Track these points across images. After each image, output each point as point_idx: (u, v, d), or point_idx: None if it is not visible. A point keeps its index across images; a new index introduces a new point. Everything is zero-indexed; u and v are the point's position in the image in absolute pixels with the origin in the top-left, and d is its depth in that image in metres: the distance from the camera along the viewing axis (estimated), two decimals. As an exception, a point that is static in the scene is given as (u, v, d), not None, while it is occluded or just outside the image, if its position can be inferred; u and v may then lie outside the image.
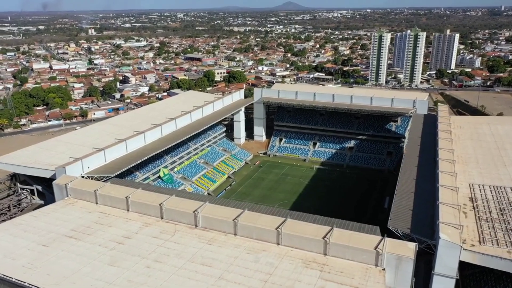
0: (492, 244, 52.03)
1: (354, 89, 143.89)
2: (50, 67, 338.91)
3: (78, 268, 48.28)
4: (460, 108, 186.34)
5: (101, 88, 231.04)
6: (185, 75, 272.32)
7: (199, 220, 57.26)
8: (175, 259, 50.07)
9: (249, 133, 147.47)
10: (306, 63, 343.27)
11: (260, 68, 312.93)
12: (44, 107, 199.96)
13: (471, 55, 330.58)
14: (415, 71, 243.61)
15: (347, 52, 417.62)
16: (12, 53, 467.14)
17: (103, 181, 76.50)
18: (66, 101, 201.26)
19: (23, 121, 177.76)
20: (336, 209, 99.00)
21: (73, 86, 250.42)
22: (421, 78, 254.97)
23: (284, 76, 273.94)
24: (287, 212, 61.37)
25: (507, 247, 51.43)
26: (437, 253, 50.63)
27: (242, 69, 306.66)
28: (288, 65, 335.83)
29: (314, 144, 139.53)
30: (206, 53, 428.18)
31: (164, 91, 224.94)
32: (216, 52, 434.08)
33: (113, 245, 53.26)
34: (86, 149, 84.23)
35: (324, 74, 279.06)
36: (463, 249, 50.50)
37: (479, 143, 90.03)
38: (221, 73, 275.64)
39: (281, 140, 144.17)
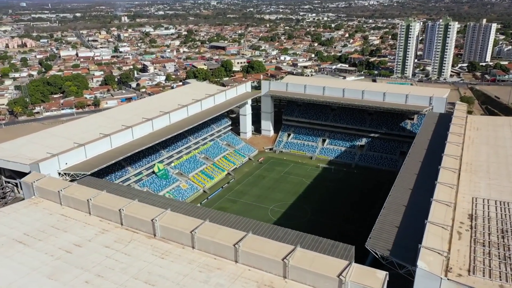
0: (483, 275, 44.57)
1: (368, 83, 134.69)
2: (77, 54, 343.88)
3: (13, 279, 44.84)
4: (490, 105, 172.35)
5: (118, 77, 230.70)
6: (204, 65, 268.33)
7: (157, 229, 52.63)
8: (119, 274, 45.70)
9: (258, 127, 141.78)
10: (332, 53, 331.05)
11: (282, 58, 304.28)
12: (61, 95, 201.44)
13: (510, 47, 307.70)
14: (445, 63, 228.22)
15: (376, 42, 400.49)
16: (45, 40, 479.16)
17: (79, 179, 73.66)
18: (82, 90, 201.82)
19: (38, 109, 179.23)
20: (334, 214, 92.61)
21: (93, 74, 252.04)
22: (451, 71, 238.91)
23: (305, 67, 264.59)
24: (255, 224, 55.78)
25: (500, 280, 43.89)
26: (414, 283, 43.81)
27: (264, 59, 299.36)
28: (313, 55, 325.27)
29: (323, 141, 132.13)
30: (231, 42, 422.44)
31: (180, 81, 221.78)
32: (242, 41, 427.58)
33: (60, 254, 49.56)
34: (73, 143, 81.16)
35: (347, 66, 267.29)
36: (447, 279, 43.43)
37: (495, 148, 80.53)
38: (241, 62, 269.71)
39: (289, 135, 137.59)
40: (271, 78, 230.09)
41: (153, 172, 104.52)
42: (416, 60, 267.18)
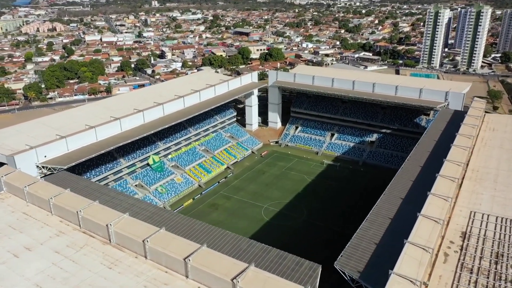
0: (463, 310, 38.48)
1: (383, 75, 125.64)
2: (101, 39, 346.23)
3: None
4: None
5: (135, 63, 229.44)
6: (223, 51, 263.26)
7: (112, 235, 48.98)
8: (58, 286, 42.39)
9: (266, 119, 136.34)
10: (358, 41, 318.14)
11: (304, 45, 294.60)
12: (76, 80, 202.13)
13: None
14: (475, 53, 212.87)
15: (407, 29, 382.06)
16: (75, 25, 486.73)
17: (56, 173, 71.25)
18: (97, 75, 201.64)
19: (51, 94, 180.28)
20: (333, 215, 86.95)
21: (112, 60, 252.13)
22: (482, 62, 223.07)
23: (327, 55, 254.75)
24: (219, 234, 51.18)
25: (481, 317, 37.66)
26: (380, 314, 38.28)
27: (285, 46, 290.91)
28: (338, 43, 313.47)
29: (332, 135, 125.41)
30: (256, 28, 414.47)
31: (196, 68, 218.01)
32: (267, 27, 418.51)
33: (6, 258, 46.81)
34: (61, 134, 78.88)
35: (371, 54, 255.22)
36: (418, 313, 37.67)
37: (510, 153, 72.06)
38: (261, 49, 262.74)
39: (296, 128, 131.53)
40: (289, 66, 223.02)
41: (148, 164, 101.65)
42: (446, 50, 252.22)
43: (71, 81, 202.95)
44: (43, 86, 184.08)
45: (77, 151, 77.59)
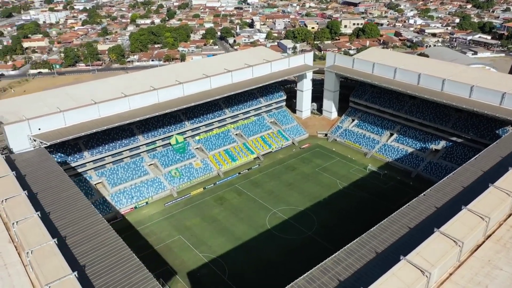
0: None
1: (466, 68, 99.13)
2: (206, 4, 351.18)
3: None
4: None
5: (220, 31, 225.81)
6: (317, 24, 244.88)
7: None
8: None
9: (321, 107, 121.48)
10: (486, 19, 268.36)
11: (411, 21, 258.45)
12: (159, 45, 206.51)
13: None
14: None
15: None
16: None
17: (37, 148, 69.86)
18: (179, 42, 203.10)
19: (131, 58, 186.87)
20: (345, 235, 70.59)
21: (204, 26, 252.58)
22: None
23: (434, 34, 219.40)
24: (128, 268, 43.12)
25: None
26: None
27: (388, 22, 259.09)
28: (457, 20, 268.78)
29: (390, 135, 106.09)
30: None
31: (277, 41, 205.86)
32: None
33: None
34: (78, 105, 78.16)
35: (489, 37, 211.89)
36: None
37: None
38: (357, 24, 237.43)
39: (352, 121, 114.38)
40: (382, 45, 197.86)
41: (170, 144, 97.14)
42: None
43: (156, 46, 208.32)
44: (127, 49, 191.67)
45: (74, 126, 75.45)
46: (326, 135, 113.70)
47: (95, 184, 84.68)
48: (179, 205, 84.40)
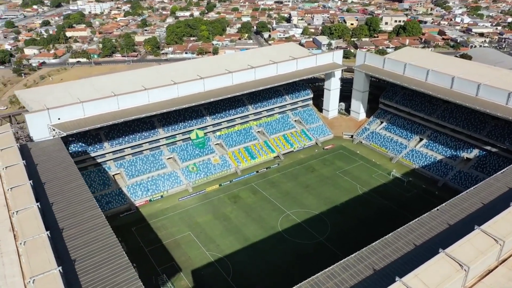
0: None
1: (509, 72, 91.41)
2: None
3: None
4: None
5: (256, 25, 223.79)
6: (357, 20, 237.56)
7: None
8: None
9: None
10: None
11: (458, 19, 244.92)
12: (195, 38, 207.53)
13: None
14: None
15: None
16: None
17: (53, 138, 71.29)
18: (214, 35, 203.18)
19: (166, 50, 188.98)
20: (358, 243, 67.63)
21: (241, 20, 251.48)
22: None
23: (481, 34, 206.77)
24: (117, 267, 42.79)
25: None
26: None
27: (432, 19, 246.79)
28: (510, 19, 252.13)
29: (420, 140, 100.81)
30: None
31: (313, 36, 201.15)
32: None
33: None
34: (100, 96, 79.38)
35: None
36: None
37: None
38: (398, 21, 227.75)
39: (381, 123, 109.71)
40: (422, 45, 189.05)
41: (190, 138, 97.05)
42: None
43: (192, 38, 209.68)
44: (163, 41, 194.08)
45: (93, 118, 76.62)
46: (351, 136, 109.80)
47: (113, 175, 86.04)
48: (193, 200, 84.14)
